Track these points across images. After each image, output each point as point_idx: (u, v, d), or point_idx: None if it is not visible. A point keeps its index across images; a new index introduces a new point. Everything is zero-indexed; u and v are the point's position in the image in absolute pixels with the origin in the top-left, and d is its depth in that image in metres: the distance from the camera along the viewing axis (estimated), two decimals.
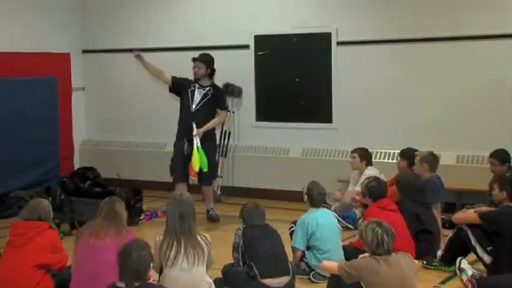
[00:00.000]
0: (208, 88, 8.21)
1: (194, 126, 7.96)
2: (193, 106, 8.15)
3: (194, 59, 8.23)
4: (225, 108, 8.57)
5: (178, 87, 8.30)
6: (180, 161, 8.10)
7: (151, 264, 4.35)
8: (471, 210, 6.18)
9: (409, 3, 8.83)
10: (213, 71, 8.26)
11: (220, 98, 8.39)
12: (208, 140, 8.17)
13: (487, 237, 5.87)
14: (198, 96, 8.16)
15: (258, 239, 5.38)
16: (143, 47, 10.19)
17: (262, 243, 5.37)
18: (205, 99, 8.17)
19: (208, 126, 8.13)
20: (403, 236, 6.13)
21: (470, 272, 5.74)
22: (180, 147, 8.14)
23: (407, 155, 7.78)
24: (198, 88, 8.19)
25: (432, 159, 7.43)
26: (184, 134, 8.11)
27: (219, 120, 8.44)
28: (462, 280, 5.80)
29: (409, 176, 7.00)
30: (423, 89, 8.80)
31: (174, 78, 8.32)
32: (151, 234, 7.21)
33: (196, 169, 7.93)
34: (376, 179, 6.74)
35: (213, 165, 8.32)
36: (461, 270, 5.86)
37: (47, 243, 5.12)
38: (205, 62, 8.20)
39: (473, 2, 8.52)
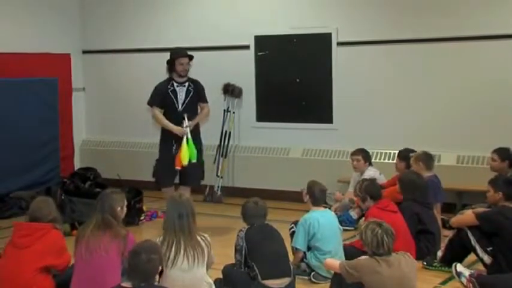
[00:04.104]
0: (187, 84, 7.83)
1: (186, 118, 7.63)
2: (180, 106, 7.75)
3: (181, 56, 7.74)
4: (207, 101, 8.05)
5: (162, 100, 7.79)
6: (170, 164, 7.61)
7: (160, 268, 4.37)
8: (469, 211, 6.18)
9: (409, 3, 8.83)
10: None
11: (202, 92, 7.98)
12: (196, 136, 7.80)
13: (486, 238, 5.88)
14: (181, 94, 7.78)
15: (262, 241, 5.38)
16: (143, 48, 10.26)
17: (266, 244, 5.36)
18: (189, 97, 7.79)
19: (198, 119, 7.83)
20: (403, 236, 6.14)
21: (468, 273, 5.73)
22: (168, 150, 7.71)
23: (406, 156, 7.78)
24: (178, 86, 7.78)
25: (426, 158, 7.46)
26: (173, 137, 7.66)
27: (206, 114, 8.03)
28: (462, 283, 5.77)
29: (413, 175, 7.00)
30: (423, 89, 8.80)
31: (159, 103, 7.78)
32: (151, 234, 7.22)
33: (185, 162, 7.45)
34: (366, 179, 6.81)
35: (200, 162, 7.91)
36: (459, 274, 5.83)
37: (51, 245, 5.11)
38: (190, 57, 7.83)
39: (473, 2, 8.52)
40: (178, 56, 7.76)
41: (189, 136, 7.62)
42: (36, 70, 9.84)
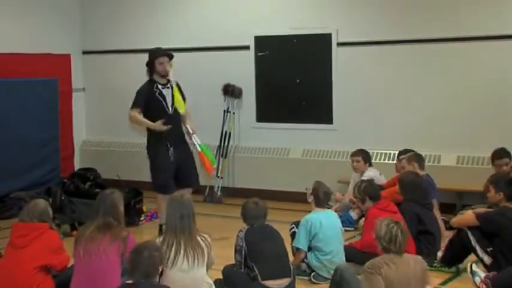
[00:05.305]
0: (169, 85, 7.58)
1: (189, 128, 7.57)
2: (170, 109, 7.46)
3: (160, 55, 7.51)
4: (185, 100, 7.80)
5: (147, 104, 7.48)
6: (171, 170, 7.48)
7: (160, 268, 4.38)
8: (469, 211, 6.17)
9: (409, 3, 8.83)
10: None
11: (182, 92, 7.73)
12: (186, 142, 7.71)
13: (486, 238, 5.88)
14: (168, 96, 7.52)
15: (261, 241, 5.37)
16: (143, 48, 10.22)
17: (265, 245, 5.36)
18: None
19: (189, 121, 7.64)
20: None
21: (483, 274, 5.71)
22: (165, 157, 7.43)
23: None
24: (163, 88, 7.52)
25: (418, 158, 7.47)
26: (167, 140, 7.43)
27: (190, 114, 7.79)
28: (475, 283, 5.72)
29: (413, 175, 6.99)
30: (423, 89, 8.80)
31: (142, 107, 7.45)
32: (151, 235, 7.23)
33: (214, 165, 7.75)
34: (364, 180, 6.80)
35: (194, 163, 7.80)
36: (474, 273, 5.79)
37: (49, 244, 5.13)
38: (170, 56, 7.60)
39: (473, 2, 8.52)
40: (157, 55, 7.51)
41: (199, 142, 7.58)
42: (36, 70, 9.84)
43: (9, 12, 9.95)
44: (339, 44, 9.22)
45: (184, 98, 7.74)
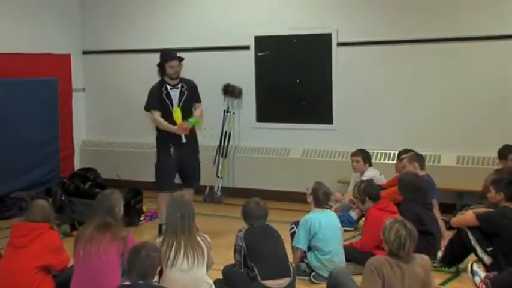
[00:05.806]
0: (180, 85, 7.64)
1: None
2: (175, 109, 7.55)
3: (170, 59, 7.57)
4: (201, 101, 7.83)
5: (160, 104, 7.62)
6: (171, 168, 7.61)
7: (158, 269, 4.37)
8: (469, 211, 6.17)
9: (409, 3, 8.83)
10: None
11: (195, 91, 7.78)
12: (194, 143, 7.77)
13: (486, 238, 5.88)
14: (175, 97, 7.58)
15: (261, 241, 5.37)
16: (143, 48, 10.26)
17: (265, 245, 5.36)
18: (183, 98, 7.61)
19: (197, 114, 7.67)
20: None
21: (483, 274, 5.71)
22: (167, 156, 7.57)
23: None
24: (171, 89, 7.60)
25: (419, 158, 7.48)
26: (170, 140, 7.56)
27: (200, 114, 7.71)
28: (475, 283, 5.72)
29: (412, 175, 6.99)
30: (423, 90, 8.80)
31: (158, 107, 7.62)
32: (151, 235, 7.24)
33: (194, 124, 7.52)
34: (363, 181, 6.80)
35: (199, 166, 7.89)
36: (474, 272, 5.80)
37: (49, 244, 5.14)
38: (180, 59, 7.66)
39: (473, 2, 8.52)
40: (168, 59, 7.57)
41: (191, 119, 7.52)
42: (36, 70, 9.84)
43: (9, 12, 9.95)
44: (339, 44, 9.22)
45: (199, 100, 7.77)
